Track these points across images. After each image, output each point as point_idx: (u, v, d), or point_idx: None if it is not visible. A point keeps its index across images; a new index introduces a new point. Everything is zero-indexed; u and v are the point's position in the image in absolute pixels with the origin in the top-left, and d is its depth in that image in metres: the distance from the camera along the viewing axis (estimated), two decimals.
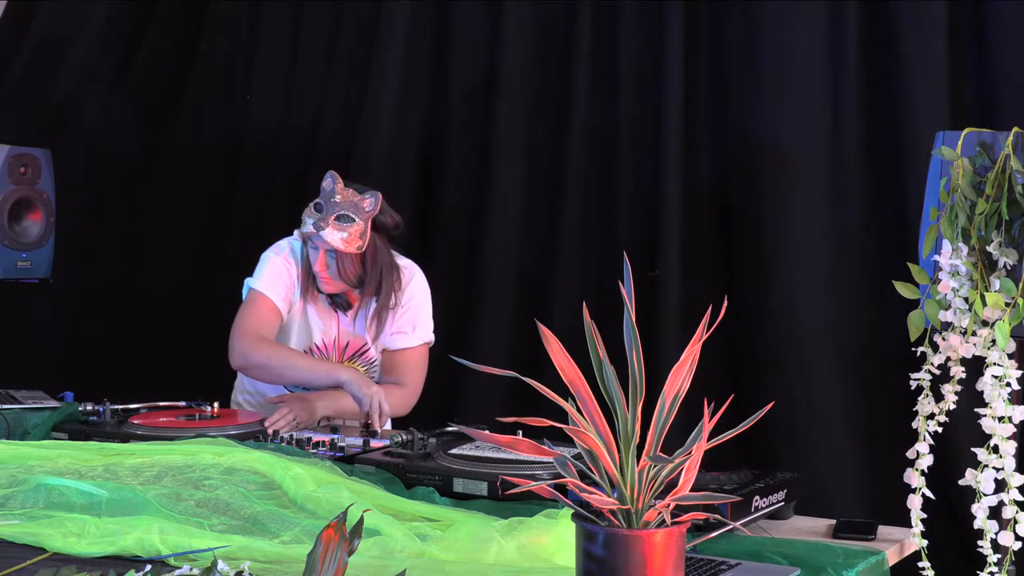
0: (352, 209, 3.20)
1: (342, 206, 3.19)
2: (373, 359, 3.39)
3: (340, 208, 3.19)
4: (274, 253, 3.36)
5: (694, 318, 1.76)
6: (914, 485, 2.30)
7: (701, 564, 2.10)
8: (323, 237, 3.18)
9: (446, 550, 2.14)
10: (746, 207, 3.97)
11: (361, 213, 3.21)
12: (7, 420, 3.04)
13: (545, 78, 4.27)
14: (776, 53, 3.91)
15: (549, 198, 4.23)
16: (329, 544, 1.63)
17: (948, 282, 2.25)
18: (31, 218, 4.19)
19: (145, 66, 4.91)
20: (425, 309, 3.40)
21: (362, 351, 3.37)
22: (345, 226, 3.19)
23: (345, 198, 3.21)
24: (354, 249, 3.20)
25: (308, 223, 3.21)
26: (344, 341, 3.36)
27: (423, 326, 3.39)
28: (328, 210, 3.19)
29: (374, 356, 3.39)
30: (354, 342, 3.36)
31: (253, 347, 3.23)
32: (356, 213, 3.20)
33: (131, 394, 3.25)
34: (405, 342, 3.36)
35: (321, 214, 3.19)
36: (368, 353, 3.38)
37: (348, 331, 3.36)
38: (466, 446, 2.76)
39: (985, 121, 3.10)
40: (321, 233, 3.18)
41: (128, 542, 2.14)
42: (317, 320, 3.35)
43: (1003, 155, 2.28)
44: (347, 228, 3.19)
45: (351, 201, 3.21)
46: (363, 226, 3.21)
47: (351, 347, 3.37)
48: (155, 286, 4.82)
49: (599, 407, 1.73)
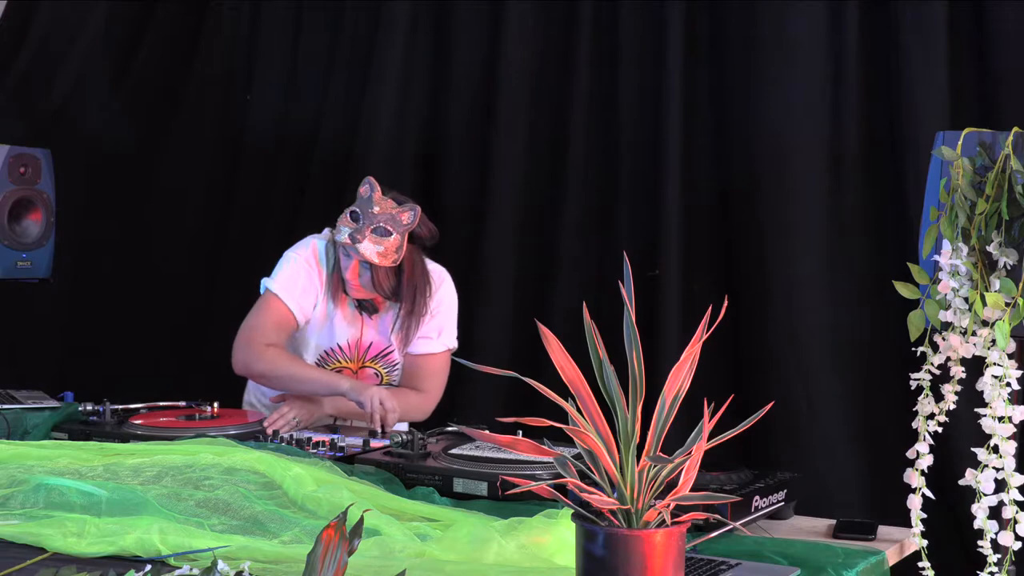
0: (390, 222, 3.11)
1: (380, 218, 3.10)
2: (395, 361, 3.34)
3: (378, 220, 3.10)
4: (298, 255, 3.27)
5: (694, 318, 1.76)
6: (914, 485, 2.30)
7: (701, 564, 2.10)
8: (359, 250, 3.09)
9: (446, 550, 2.14)
10: (746, 207, 3.97)
11: (399, 226, 3.12)
12: (7, 420, 3.04)
13: (545, 78, 4.27)
14: (776, 53, 3.91)
15: (549, 198, 4.23)
16: (329, 544, 1.63)
17: (948, 282, 2.25)
18: (31, 218, 4.19)
19: (145, 66, 4.91)
20: (452, 316, 3.35)
21: (385, 353, 3.32)
22: (382, 239, 3.10)
23: (383, 209, 3.11)
24: (389, 263, 3.13)
25: (344, 232, 3.12)
26: (367, 342, 3.31)
27: (448, 332, 3.34)
28: (365, 221, 3.10)
29: (397, 359, 3.34)
30: (377, 343, 3.31)
31: (255, 356, 3.19)
32: (394, 226, 3.11)
33: (131, 394, 3.25)
34: (429, 347, 3.31)
35: (358, 224, 3.10)
36: (391, 355, 3.33)
37: (372, 333, 3.30)
38: (466, 446, 2.77)
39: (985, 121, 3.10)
40: (357, 246, 3.08)
41: (128, 542, 2.14)
42: (342, 322, 3.29)
43: (1003, 155, 2.28)
44: (384, 242, 3.10)
45: (389, 213, 3.11)
46: (400, 240, 3.12)
47: (374, 348, 3.31)
48: (155, 286, 4.82)
49: (599, 407, 1.73)
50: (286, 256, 3.28)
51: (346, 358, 3.33)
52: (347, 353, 3.32)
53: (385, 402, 3.07)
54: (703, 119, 4.03)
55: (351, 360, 3.33)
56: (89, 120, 4.85)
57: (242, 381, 3.52)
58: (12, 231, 4.11)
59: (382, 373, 3.35)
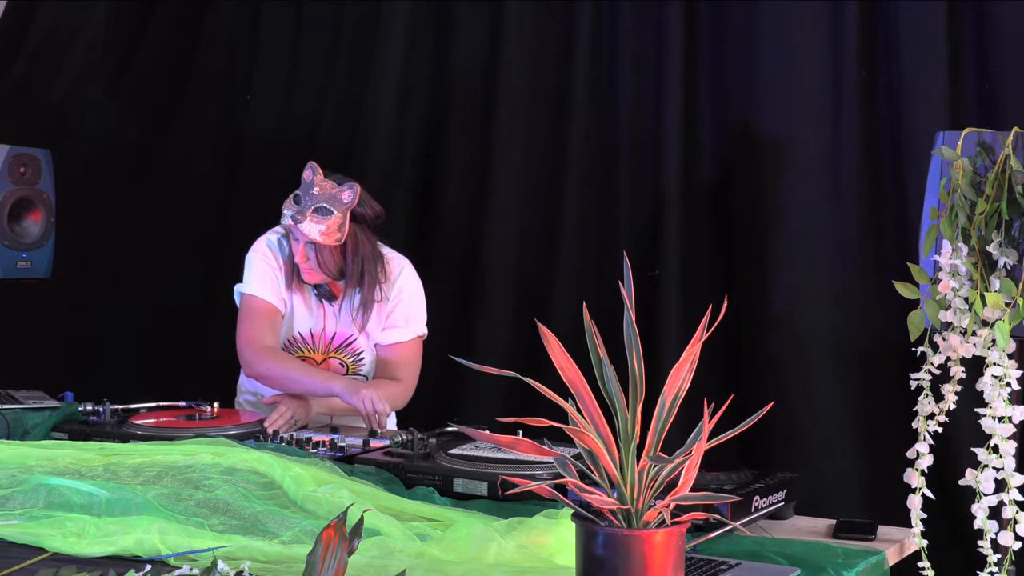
0: (330, 201, 3.20)
1: (320, 198, 3.20)
2: (359, 351, 3.38)
3: (318, 200, 3.20)
4: (254, 252, 3.38)
5: (694, 318, 1.76)
6: (914, 485, 2.30)
7: (701, 564, 2.10)
8: (301, 230, 3.19)
9: (446, 550, 2.14)
10: (746, 207, 3.97)
11: (339, 205, 3.21)
12: (7, 420, 3.04)
13: (545, 78, 4.27)
14: (776, 53, 3.91)
15: (549, 198, 4.23)
16: (329, 544, 1.63)
17: (948, 282, 2.25)
18: (31, 218, 4.19)
19: (145, 66, 4.91)
20: (416, 302, 3.40)
21: (348, 342, 3.37)
22: (323, 219, 3.19)
23: (323, 190, 3.21)
24: (332, 241, 3.21)
25: (287, 215, 3.22)
26: (331, 332, 3.36)
27: (416, 319, 3.39)
28: (306, 202, 3.20)
29: (360, 348, 3.38)
30: (340, 333, 3.36)
31: (256, 359, 3.28)
32: (334, 205, 3.20)
33: (131, 394, 3.25)
34: (398, 336, 3.37)
35: (299, 206, 3.21)
36: (354, 344, 3.37)
37: (334, 323, 3.36)
38: (466, 446, 2.77)
39: (985, 121, 3.10)
40: (299, 226, 3.19)
41: (128, 542, 2.14)
42: (303, 310, 3.35)
43: (1003, 155, 2.28)
44: (325, 221, 3.19)
45: (329, 193, 3.21)
46: (341, 218, 3.21)
47: (337, 338, 3.36)
48: (155, 286, 4.82)
49: (599, 407, 1.74)
50: (247, 259, 3.39)
51: (309, 348, 3.37)
52: (309, 343, 3.36)
53: (376, 404, 3.11)
54: (703, 119, 4.03)
55: (314, 351, 3.37)
56: (89, 120, 4.85)
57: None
58: (12, 231, 4.11)
59: (347, 363, 3.38)
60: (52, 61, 4.90)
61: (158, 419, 3.09)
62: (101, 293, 4.87)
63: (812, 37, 3.86)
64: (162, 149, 4.88)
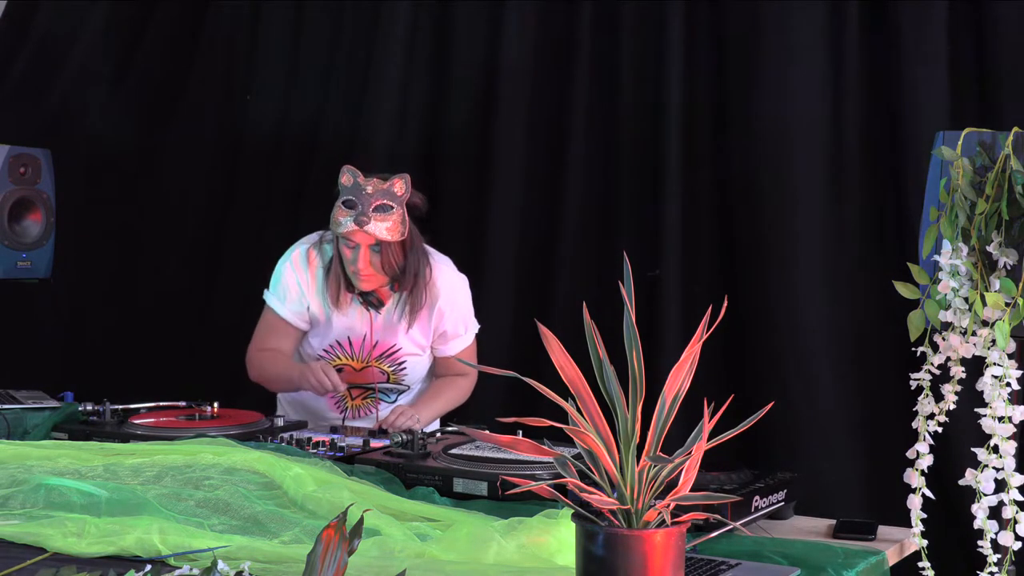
0: (387, 197, 3.14)
1: (376, 196, 3.14)
2: (402, 360, 3.34)
3: (375, 199, 3.13)
4: (282, 263, 3.35)
5: (694, 318, 1.76)
6: (914, 485, 2.30)
7: (701, 564, 2.10)
8: (368, 231, 3.11)
9: (446, 550, 2.14)
10: (746, 207, 3.97)
11: (396, 199, 3.15)
12: (7, 420, 3.04)
13: (545, 78, 4.27)
14: (776, 53, 3.91)
15: (549, 198, 4.23)
16: (329, 544, 1.63)
17: (948, 282, 2.25)
18: (31, 218, 4.19)
19: (145, 66, 4.91)
20: (468, 304, 3.40)
21: (391, 351, 3.33)
22: (386, 216, 3.13)
23: (376, 188, 3.15)
24: (399, 236, 3.16)
25: (346, 223, 3.13)
26: (373, 340, 3.32)
27: (471, 321, 3.41)
28: (363, 204, 3.13)
29: (403, 357, 3.34)
30: (384, 342, 3.32)
31: (248, 364, 3.40)
32: (392, 200, 3.15)
33: (131, 394, 3.25)
34: (462, 344, 3.37)
35: (357, 210, 3.12)
36: (397, 354, 3.33)
37: (379, 331, 3.31)
38: (466, 446, 2.77)
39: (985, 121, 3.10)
40: (366, 228, 3.11)
41: (128, 542, 2.14)
42: (343, 317, 3.30)
43: (1003, 155, 2.28)
44: (389, 217, 3.14)
45: (383, 189, 3.15)
46: (402, 211, 3.17)
47: (380, 346, 3.32)
48: (155, 286, 4.82)
49: (599, 407, 1.73)
50: (276, 267, 3.38)
51: (348, 355, 3.33)
52: (348, 351, 3.33)
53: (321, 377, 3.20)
54: (703, 119, 4.03)
55: (354, 358, 3.33)
56: (89, 120, 4.85)
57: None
58: (12, 231, 4.11)
59: (388, 372, 3.35)
60: (52, 61, 4.90)
61: (158, 419, 3.09)
62: (101, 293, 4.87)
63: (812, 37, 3.86)
64: (162, 149, 4.88)
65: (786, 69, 3.90)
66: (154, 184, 4.86)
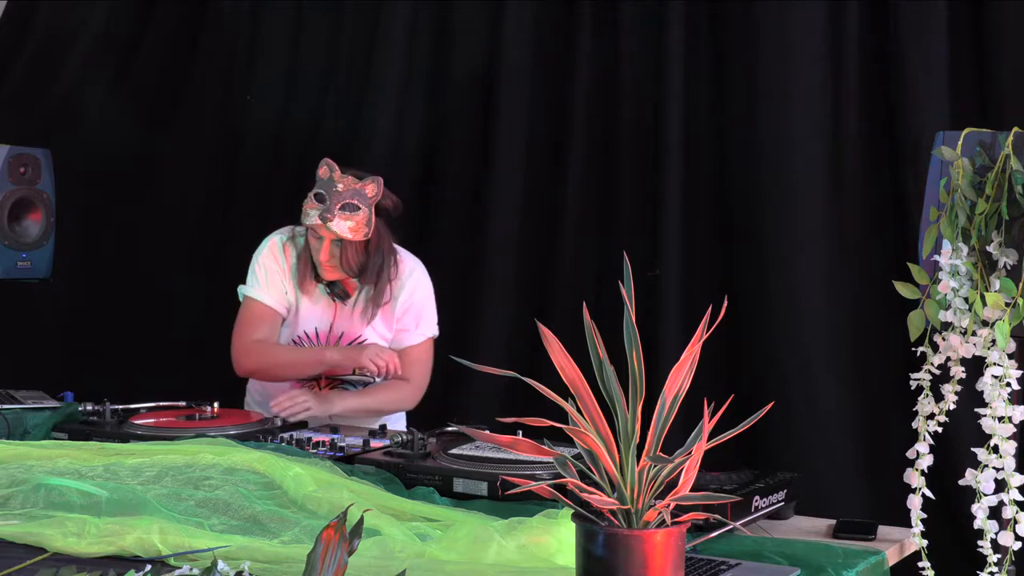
0: (356, 197, 3.20)
1: (345, 195, 3.19)
2: None
3: (344, 197, 3.19)
4: (259, 255, 3.38)
5: (694, 318, 1.76)
6: (914, 485, 2.30)
7: (701, 564, 2.10)
8: (331, 228, 3.17)
9: (446, 550, 2.14)
10: (746, 207, 3.97)
11: (365, 200, 3.21)
12: (7, 420, 3.04)
13: (545, 78, 4.27)
14: (776, 53, 3.91)
15: (549, 198, 4.23)
16: (329, 544, 1.63)
17: (948, 282, 2.25)
18: (31, 218, 4.19)
19: (145, 66, 4.91)
20: (428, 305, 3.41)
21: (356, 343, 3.36)
22: (351, 215, 3.19)
23: (347, 186, 3.20)
24: (361, 237, 3.21)
25: (312, 215, 3.20)
26: (339, 331, 3.36)
27: (426, 322, 3.40)
28: (332, 200, 3.19)
29: None
30: (350, 332, 3.36)
31: (244, 355, 3.34)
32: (360, 200, 3.20)
33: (131, 394, 3.25)
34: (409, 339, 3.38)
35: (325, 204, 3.19)
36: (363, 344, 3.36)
37: (344, 322, 3.35)
38: (466, 446, 2.76)
39: (985, 121, 3.10)
40: (329, 224, 3.17)
41: (128, 542, 2.14)
42: (311, 308, 3.35)
43: (1003, 155, 2.28)
44: (353, 217, 3.19)
45: (353, 189, 3.20)
46: (368, 213, 3.21)
47: (345, 337, 3.36)
48: (155, 286, 4.82)
49: (599, 407, 1.73)
50: (252, 261, 3.39)
51: (315, 347, 3.36)
52: (315, 342, 3.36)
53: (382, 354, 3.19)
54: (703, 119, 4.03)
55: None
56: (89, 120, 4.85)
57: (243, 381, 3.53)
58: (12, 231, 4.11)
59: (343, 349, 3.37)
60: (52, 61, 4.90)
61: (158, 419, 3.09)
62: (101, 293, 4.87)
63: (812, 37, 3.86)
64: (162, 149, 4.88)
65: (786, 69, 3.90)
66: (154, 184, 4.86)
